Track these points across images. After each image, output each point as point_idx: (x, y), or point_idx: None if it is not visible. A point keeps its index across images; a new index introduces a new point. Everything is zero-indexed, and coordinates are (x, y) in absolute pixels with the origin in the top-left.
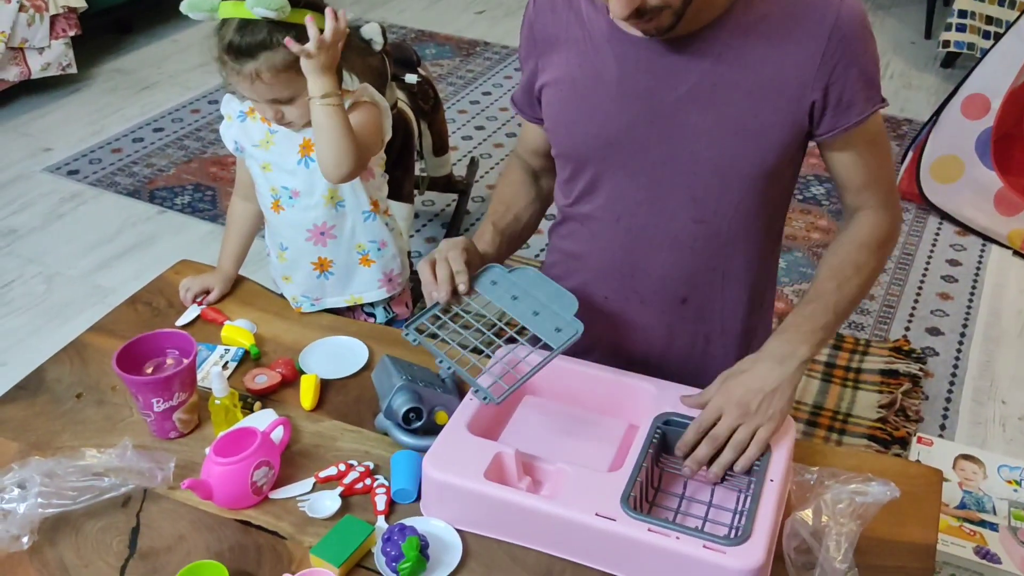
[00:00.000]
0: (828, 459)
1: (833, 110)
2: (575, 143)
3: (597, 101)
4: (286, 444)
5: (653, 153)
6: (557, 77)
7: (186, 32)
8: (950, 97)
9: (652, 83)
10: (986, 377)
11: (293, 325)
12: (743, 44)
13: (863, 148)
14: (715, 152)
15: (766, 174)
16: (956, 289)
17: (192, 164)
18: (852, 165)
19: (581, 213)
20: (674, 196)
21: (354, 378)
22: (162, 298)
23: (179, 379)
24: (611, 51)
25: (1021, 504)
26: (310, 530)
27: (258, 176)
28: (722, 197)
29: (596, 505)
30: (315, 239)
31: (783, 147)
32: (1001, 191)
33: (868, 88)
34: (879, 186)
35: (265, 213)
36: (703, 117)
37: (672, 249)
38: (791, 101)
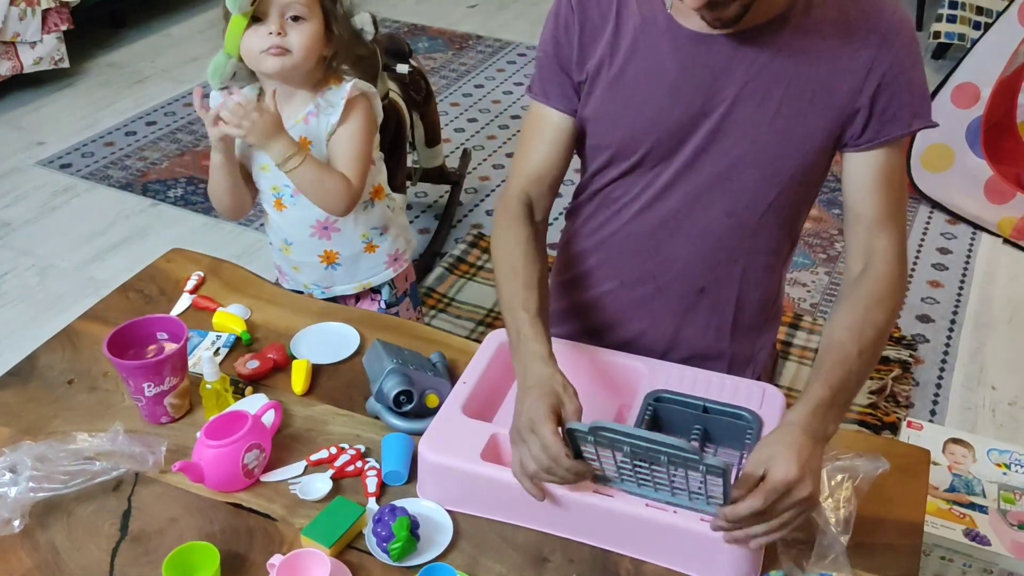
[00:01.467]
0: None
1: (876, 121)
2: (622, 135)
3: (650, 95)
4: (277, 428)
5: (696, 144)
6: (606, 67)
7: (179, 26)
8: (940, 86)
9: (709, 78)
10: (976, 363)
11: (285, 311)
12: (799, 46)
13: (887, 176)
14: (759, 149)
15: (803, 175)
16: (946, 277)
17: (185, 157)
18: (872, 192)
19: (612, 196)
20: (710, 187)
21: (345, 363)
22: (154, 286)
23: (170, 363)
24: (668, 45)
25: (1010, 487)
26: (301, 512)
27: (258, 175)
28: (757, 193)
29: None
30: (319, 234)
31: (823, 151)
32: (991, 180)
33: (917, 102)
34: (896, 227)
35: (267, 210)
36: (753, 114)
37: (699, 238)
38: (839, 107)
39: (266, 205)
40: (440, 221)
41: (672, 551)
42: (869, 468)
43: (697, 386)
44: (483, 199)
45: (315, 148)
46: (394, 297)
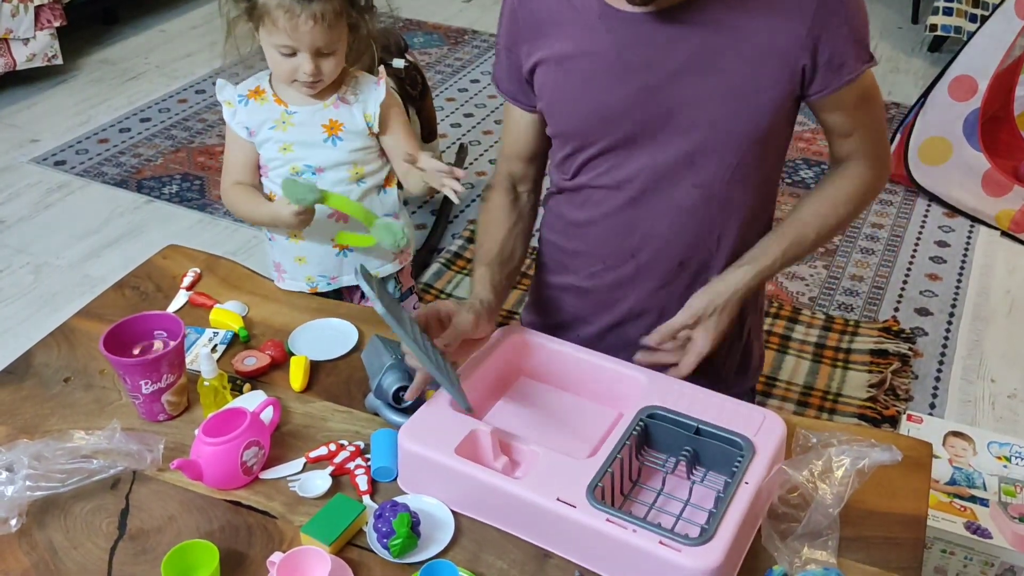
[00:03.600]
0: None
1: (824, 70)
2: (576, 121)
3: (595, 78)
4: (276, 425)
5: (653, 122)
6: (549, 58)
7: (173, 22)
8: (937, 79)
9: (650, 55)
10: (975, 356)
11: (282, 308)
12: (736, 11)
13: (854, 105)
14: (712, 117)
15: (761, 137)
16: (945, 270)
17: (180, 153)
18: (843, 120)
19: (581, 184)
20: (674, 162)
21: (344, 359)
22: (150, 282)
23: (167, 360)
24: (604, 28)
25: (1011, 479)
26: (301, 509)
27: (275, 158)
28: (720, 161)
29: (561, 490)
30: (337, 216)
31: (777, 109)
32: (989, 172)
33: (857, 47)
34: (869, 137)
35: (279, 195)
36: (700, 85)
37: (672, 213)
38: (784, 64)
39: (277, 189)
40: (436, 217)
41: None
42: (881, 457)
43: (695, 405)
44: (480, 194)
45: (348, 128)
46: (398, 293)
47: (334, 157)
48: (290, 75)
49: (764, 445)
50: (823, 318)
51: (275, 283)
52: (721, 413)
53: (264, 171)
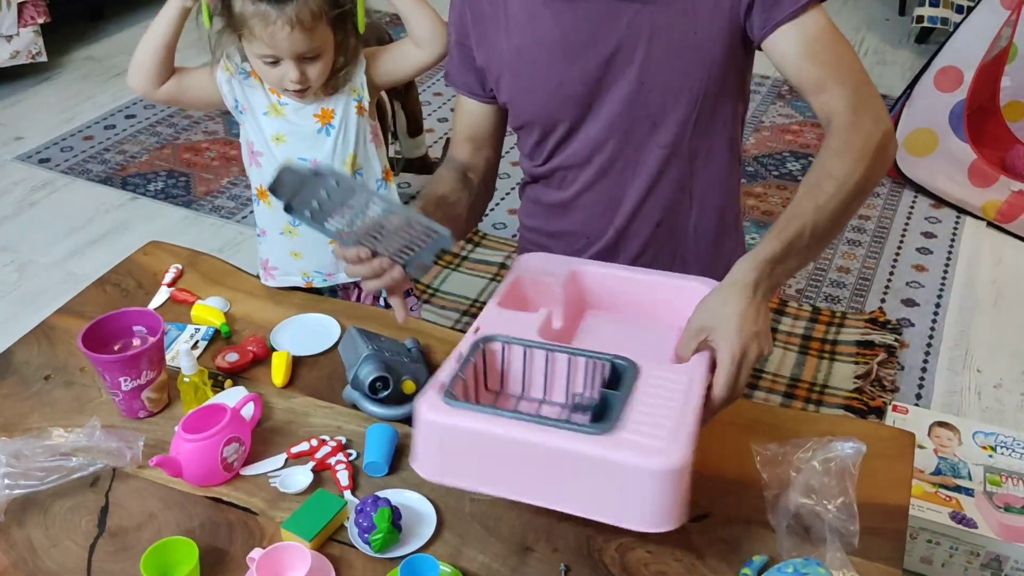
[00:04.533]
0: (802, 425)
1: (760, 8)
2: (538, 108)
3: (546, 64)
4: (257, 421)
5: (610, 93)
6: (502, 53)
7: None
8: (923, 70)
9: (594, 31)
10: (961, 347)
11: (264, 303)
12: None
13: (809, 46)
14: (664, 77)
15: (715, 86)
16: (931, 261)
17: (165, 150)
18: (800, 62)
19: (554, 167)
20: (636, 127)
21: (326, 354)
22: (131, 279)
23: (147, 357)
24: (549, 13)
25: (996, 469)
26: (282, 505)
27: (266, 147)
28: (679, 118)
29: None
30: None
31: (725, 56)
32: (975, 163)
33: None
34: (841, 83)
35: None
36: (648, 48)
37: (643, 177)
38: (721, 9)
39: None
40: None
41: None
42: (848, 455)
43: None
44: None
45: (339, 116)
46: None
47: (328, 149)
48: (278, 83)
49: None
50: (810, 310)
51: (262, 281)
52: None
53: (255, 159)
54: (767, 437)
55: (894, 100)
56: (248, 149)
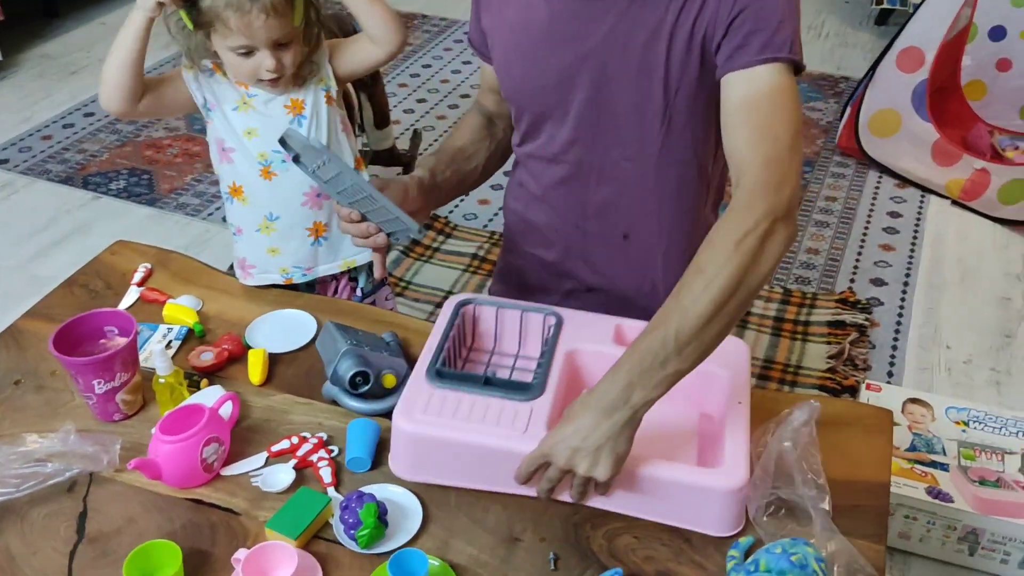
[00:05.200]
0: (780, 404)
1: (727, 47)
2: (515, 86)
3: (530, 46)
4: (236, 420)
5: (580, 95)
6: (497, 22)
7: (114, 14)
8: (885, 52)
9: (578, 27)
10: (930, 324)
11: (238, 301)
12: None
13: (750, 100)
14: (631, 93)
15: (679, 111)
16: (898, 240)
17: (126, 148)
18: (735, 114)
19: (527, 153)
20: (603, 136)
21: (303, 350)
22: (99, 280)
23: (120, 358)
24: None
25: (970, 444)
26: (265, 504)
27: (238, 142)
28: (643, 136)
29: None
30: (311, 202)
31: (690, 83)
32: (938, 142)
33: (766, 34)
34: (758, 151)
35: (246, 184)
36: (620, 59)
37: (610, 184)
38: (693, 37)
39: (246, 179)
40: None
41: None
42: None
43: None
44: None
45: (310, 106)
46: (370, 285)
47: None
48: (252, 75)
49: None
50: (781, 292)
51: (240, 281)
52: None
53: (227, 155)
54: None
55: (856, 82)
56: (218, 147)
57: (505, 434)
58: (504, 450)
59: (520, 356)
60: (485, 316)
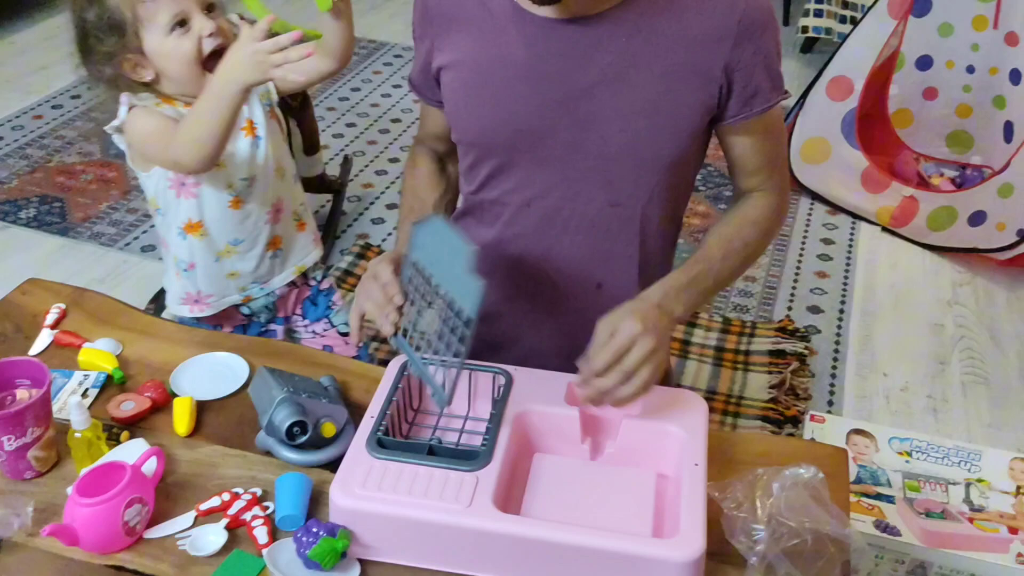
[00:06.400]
0: (737, 447)
1: (739, 97)
2: (481, 129)
3: (503, 85)
4: (160, 476)
5: (564, 137)
6: (457, 60)
7: (24, 33)
8: (815, 80)
9: (562, 65)
10: (867, 352)
11: (161, 343)
12: (654, 25)
13: (762, 135)
14: (628, 135)
15: (680, 156)
16: (832, 267)
17: (36, 174)
18: (750, 151)
19: (488, 200)
20: (587, 180)
21: (234, 397)
22: (8, 322)
23: (31, 412)
24: (516, 32)
25: (914, 475)
26: (194, 570)
27: (206, 177)
28: (637, 180)
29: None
30: (272, 218)
31: (695, 129)
32: (867, 170)
33: (773, 78)
34: (773, 170)
35: (209, 216)
36: (615, 99)
37: (588, 232)
38: (701, 84)
39: (211, 212)
40: (323, 233)
41: None
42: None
43: None
44: (367, 207)
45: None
46: (324, 275)
47: (260, 161)
48: (194, 53)
49: (694, 426)
50: (720, 321)
51: (188, 315)
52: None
53: (189, 191)
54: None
55: (787, 110)
56: (175, 181)
57: (448, 508)
58: (447, 525)
59: (470, 418)
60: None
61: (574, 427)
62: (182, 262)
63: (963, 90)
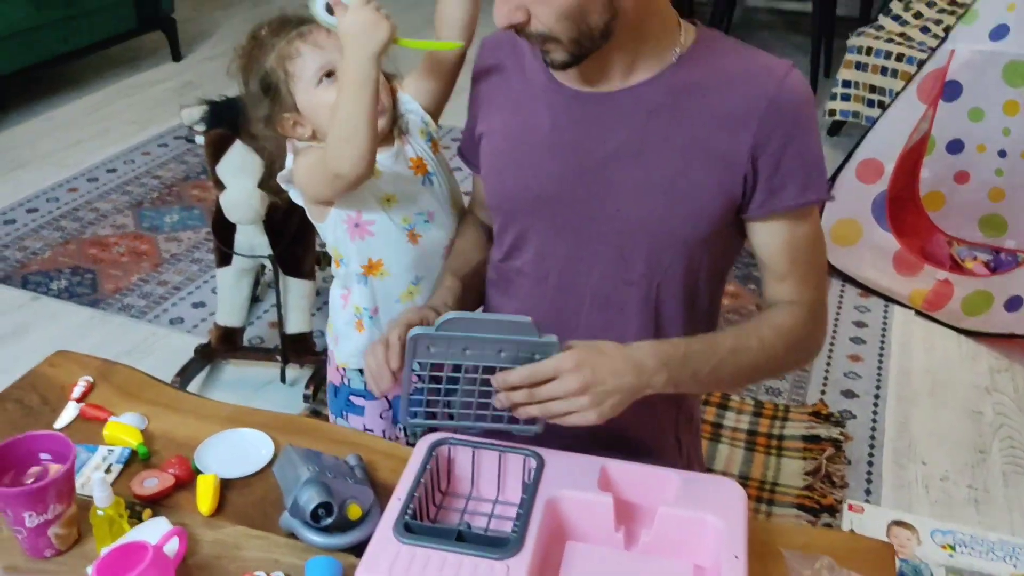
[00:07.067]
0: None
1: (764, 188)
2: (505, 194)
3: (527, 152)
4: (182, 557)
5: (580, 209)
6: (492, 127)
7: (62, 109)
8: (844, 162)
9: (582, 136)
10: (904, 438)
11: (187, 418)
12: (677, 104)
13: (791, 237)
14: (643, 211)
15: (697, 239)
16: (865, 350)
17: (70, 246)
18: (776, 252)
19: (512, 268)
20: (602, 255)
21: (258, 476)
22: (35, 395)
23: (54, 489)
24: (545, 102)
25: (957, 569)
26: None
27: (377, 213)
28: (651, 259)
29: None
30: (446, 254)
31: (714, 213)
32: (899, 252)
33: (805, 175)
34: (804, 284)
35: (388, 255)
36: (631, 175)
37: (602, 310)
38: (723, 168)
39: (389, 250)
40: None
41: None
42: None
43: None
44: None
45: (430, 163)
46: None
47: (435, 196)
48: None
49: (732, 516)
50: (752, 403)
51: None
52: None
53: (365, 230)
54: None
55: None
56: (349, 224)
57: None
58: None
59: (499, 502)
60: (461, 458)
61: (608, 514)
62: (366, 311)
63: (995, 174)
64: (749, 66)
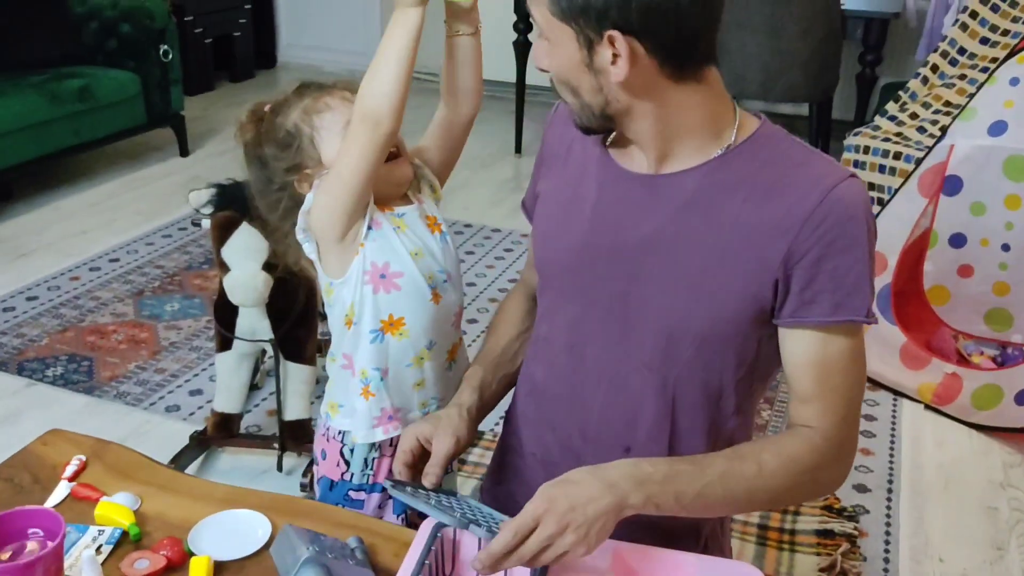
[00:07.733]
0: None
1: (795, 298)
2: (545, 258)
3: (570, 221)
4: None
5: (606, 286)
6: (547, 190)
7: (69, 199)
8: None
9: (621, 216)
10: (920, 535)
11: (181, 499)
12: (714, 199)
13: (822, 362)
14: (665, 302)
15: (716, 337)
16: (875, 444)
17: (68, 333)
18: (801, 369)
19: (541, 335)
20: (625, 336)
21: (254, 558)
22: (26, 473)
23: (42, 566)
24: (595, 175)
25: None
26: None
27: (406, 265)
28: (669, 351)
29: None
30: (456, 322)
31: (738, 315)
32: (905, 346)
33: (841, 292)
34: (828, 410)
35: (410, 312)
36: (659, 264)
37: (617, 390)
38: (752, 271)
39: (411, 306)
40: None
41: None
42: None
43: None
44: None
45: (443, 224)
46: None
47: (451, 257)
48: (401, 179)
49: None
50: None
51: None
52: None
53: (391, 282)
54: None
55: None
56: (374, 275)
57: None
58: None
59: None
60: (466, 541)
61: None
62: (374, 374)
63: (999, 268)
64: (799, 172)
